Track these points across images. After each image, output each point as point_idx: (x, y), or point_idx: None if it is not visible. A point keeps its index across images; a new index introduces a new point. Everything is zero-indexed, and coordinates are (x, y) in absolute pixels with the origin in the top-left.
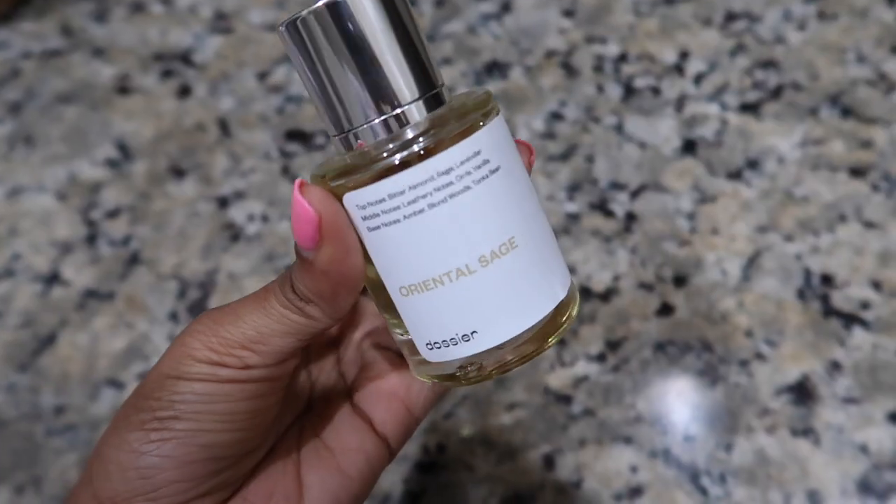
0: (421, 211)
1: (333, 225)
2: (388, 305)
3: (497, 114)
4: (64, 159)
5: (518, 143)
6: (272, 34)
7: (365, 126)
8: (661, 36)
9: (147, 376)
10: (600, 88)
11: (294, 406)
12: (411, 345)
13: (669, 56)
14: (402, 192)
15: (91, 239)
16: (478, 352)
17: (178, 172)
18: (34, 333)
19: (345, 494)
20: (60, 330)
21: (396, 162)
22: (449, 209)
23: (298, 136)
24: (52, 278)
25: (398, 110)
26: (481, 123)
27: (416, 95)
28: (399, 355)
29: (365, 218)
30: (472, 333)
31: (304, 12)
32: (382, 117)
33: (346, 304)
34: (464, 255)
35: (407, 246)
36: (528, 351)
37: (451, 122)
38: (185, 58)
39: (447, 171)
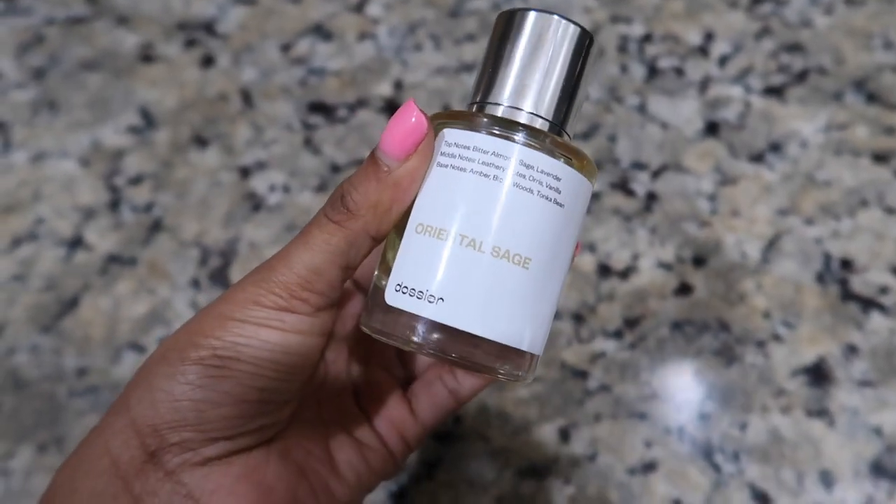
0: (486, 175)
1: (430, 144)
2: (395, 239)
3: (591, 183)
4: (87, 126)
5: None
6: (295, 6)
7: (500, 105)
8: (687, 17)
9: (199, 316)
10: (624, 68)
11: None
12: (381, 292)
13: (694, 37)
14: (486, 152)
15: (114, 205)
16: (430, 319)
17: (201, 141)
18: (57, 296)
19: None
20: (83, 294)
21: (497, 131)
22: (507, 192)
23: (321, 108)
24: (76, 243)
25: (529, 110)
26: (576, 166)
27: (549, 117)
28: None
29: (443, 154)
30: (439, 300)
31: (557, 17)
32: (516, 106)
33: (390, 222)
34: (486, 232)
35: (453, 192)
36: (468, 357)
37: (558, 147)
38: (209, 28)
39: (528, 167)
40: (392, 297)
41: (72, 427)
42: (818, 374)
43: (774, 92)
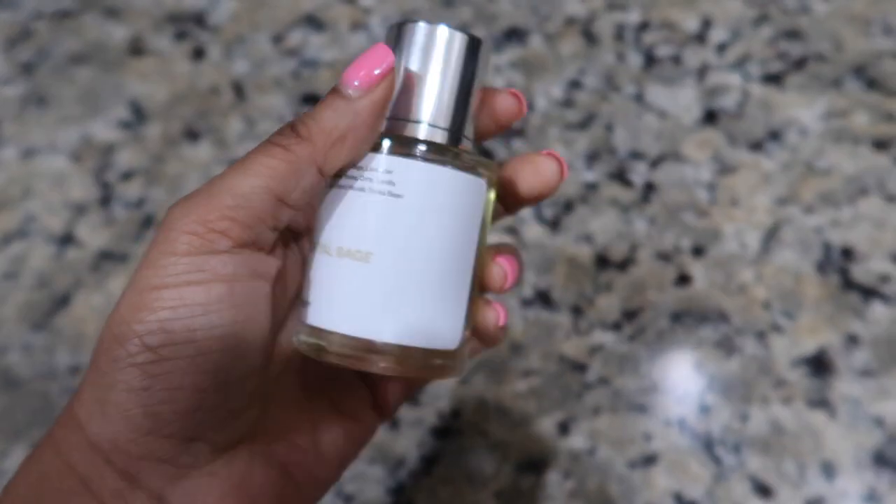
0: (341, 186)
1: (393, 81)
2: None
3: (465, 171)
4: (77, 121)
5: (549, 155)
6: None
7: (400, 120)
8: (684, 4)
9: (124, 293)
10: (621, 57)
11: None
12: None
13: (692, 24)
14: (348, 169)
15: (105, 200)
16: (306, 321)
17: (193, 135)
18: (49, 294)
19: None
20: (75, 291)
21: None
22: (346, 197)
23: (314, 100)
24: (67, 239)
25: (418, 123)
26: (417, 157)
27: (439, 124)
28: None
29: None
30: (307, 302)
31: (443, 25)
32: (409, 120)
33: (339, 155)
34: (327, 236)
35: (322, 209)
36: (346, 354)
37: (421, 147)
38: (199, 20)
39: (359, 169)
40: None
41: None
42: (819, 365)
43: (773, 79)
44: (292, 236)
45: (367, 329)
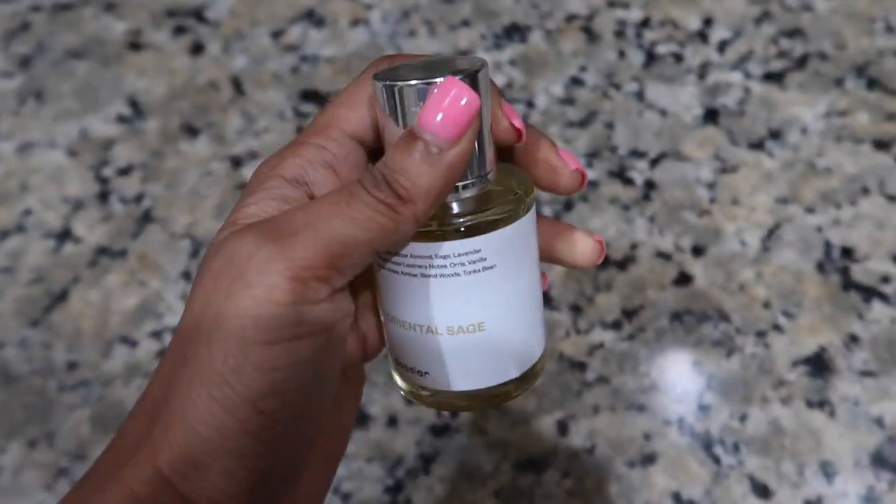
0: (414, 275)
1: (477, 124)
2: None
3: (524, 212)
4: (75, 115)
5: (574, 167)
6: None
7: None
8: (685, 1)
9: (209, 340)
10: (622, 54)
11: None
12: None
13: (693, 22)
14: (406, 256)
15: (103, 196)
16: (424, 386)
17: (191, 131)
18: (46, 289)
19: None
20: (73, 286)
21: (413, 231)
22: (435, 282)
23: (313, 95)
24: (64, 235)
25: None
26: (495, 226)
27: (472, 177)
28: None
29: (383, 258)
30: (424, 373)
31: (445, 78)
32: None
33: (436, 208)
34: (433, 319)
35: (398, 291)
36: (456, 405)
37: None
38: (199, 14)
39: (444, 257)
40: (395, 370)
41: (63, 422)
42: (819, 365)
43: (774, 77)
44: None
45: (496, 378)
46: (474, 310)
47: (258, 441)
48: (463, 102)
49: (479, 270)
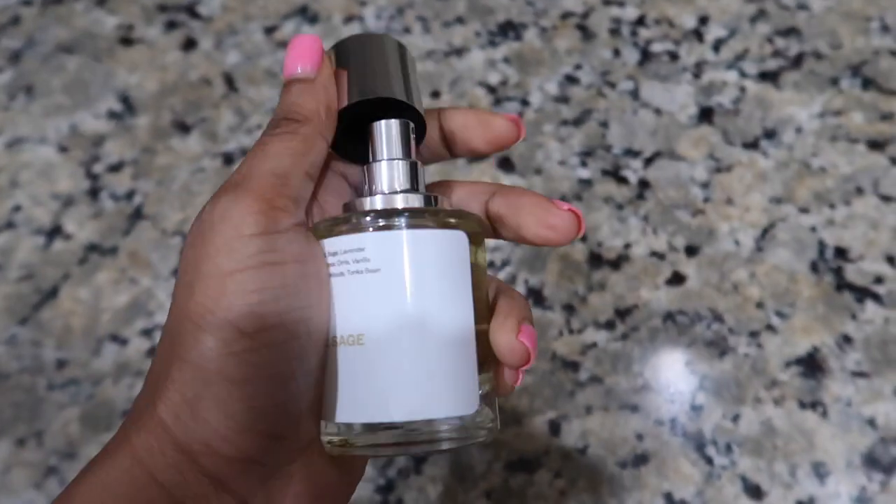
0: (330, 274)
1: (325, 55)
2: None
3: (443, 228)
4: (65, 110)
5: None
6: None
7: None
8: (681, 0)
9: (190, 282)
10: (616, 52)
11: None
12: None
13: (688, 21)
14: (325, 255)
15: (93, 192)
16: (323, 419)
17: (183, 127)
18: (36, 286)
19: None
20: (62, 284)
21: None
22: (330, 285)
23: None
24: (54, 231)
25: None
26: (389, 228)
27: (401, 187)
28: None
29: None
30: (324, 401)
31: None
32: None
33: (332, 124)
34: (331, 328)
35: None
36: (366, 444)
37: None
38: (191, 9)
39: (333, 254)
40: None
41: (52, 421)
42: (812, 365)
43: (769, 76)
44: None
45: (372, 413)
46: (352, 318)
47: (245, 364)
48: (307, 43)
49: (362, 272)
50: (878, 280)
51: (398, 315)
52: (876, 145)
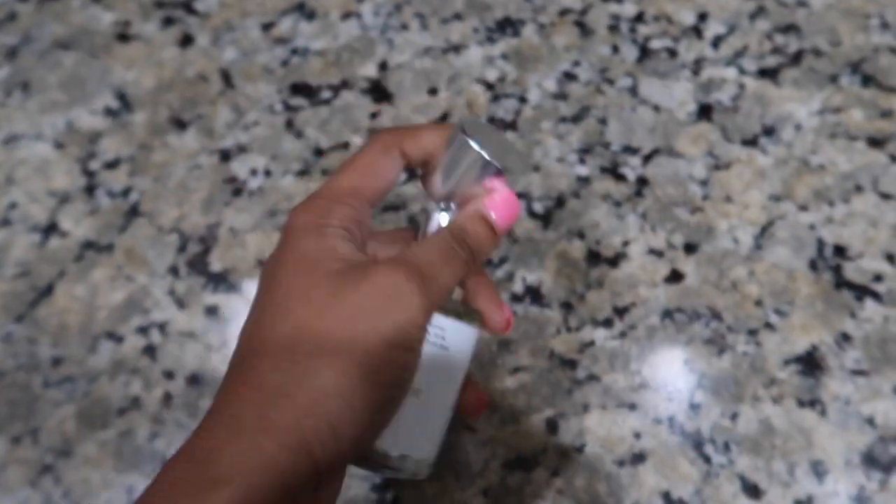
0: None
1: None
2: None
3: (474, 328)
4: (62, 107)
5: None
6: None
7: None
8: None
9: (369, 343)
10: (615, 49)
11: None
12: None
13: (687, 17)
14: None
15: (89, 189)
16: (399, 452)
17: (180, 124)
18: (31, 284)
19: None
20: (58, 281)
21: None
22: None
23: (303, 89)
24: (50, 228)
25: None
26: (464, 319)
27: None
28: None
29: None
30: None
31: None
32: None
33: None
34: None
35: None
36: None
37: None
38: (188, 5)
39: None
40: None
41: (47, 418)
42: (810, 363)
43: (769, 73)
44: None
45: (422, 450)
46: (420, 376)
47: (373, 401)
48: (519, 210)
49: (437, 346)
50: (878, 278)
51: (447, 385)
52: (875, 143)
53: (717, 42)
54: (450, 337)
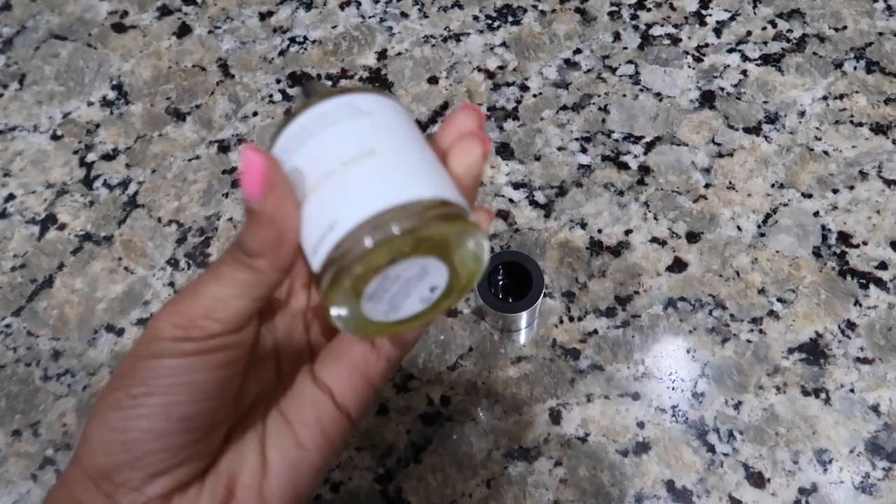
0: (304, 141)
1: (276, 173)
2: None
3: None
4: (59, 98)
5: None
6: None
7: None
8: None
9: (121, 364)
10: (617, 36)
11: (259, 376)
12: (316, 277)
13: (689, 3)
14: (295, 131)
15: (87, 181)
16: (339, 238)
17: (178, 115)
18: (30, 276)
19: (305, 466)
20: (57, 273)
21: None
22: (322, 135)
23: (302, 78)
24: (48, 221)
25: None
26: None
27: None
28: None
29: (281, 153)
30: (334, 222)
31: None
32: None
33: (289, 252)
34: (330, 162)
35: (301, 166)
36: (385, 236)
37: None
38: None
39: (323, 114)
40: (314, 262)
41: (48, 411)
42: (814, 352)
43: (772, 60)
44: None
45: (393, 197)
46: (360, 140)
47: (124, 417)
48: (249, 163)
49: (357, 115)
50: (882, 265)
51: (404, 141)
52: (880, 129)
53: (719, 28)
54: (359, 104)
